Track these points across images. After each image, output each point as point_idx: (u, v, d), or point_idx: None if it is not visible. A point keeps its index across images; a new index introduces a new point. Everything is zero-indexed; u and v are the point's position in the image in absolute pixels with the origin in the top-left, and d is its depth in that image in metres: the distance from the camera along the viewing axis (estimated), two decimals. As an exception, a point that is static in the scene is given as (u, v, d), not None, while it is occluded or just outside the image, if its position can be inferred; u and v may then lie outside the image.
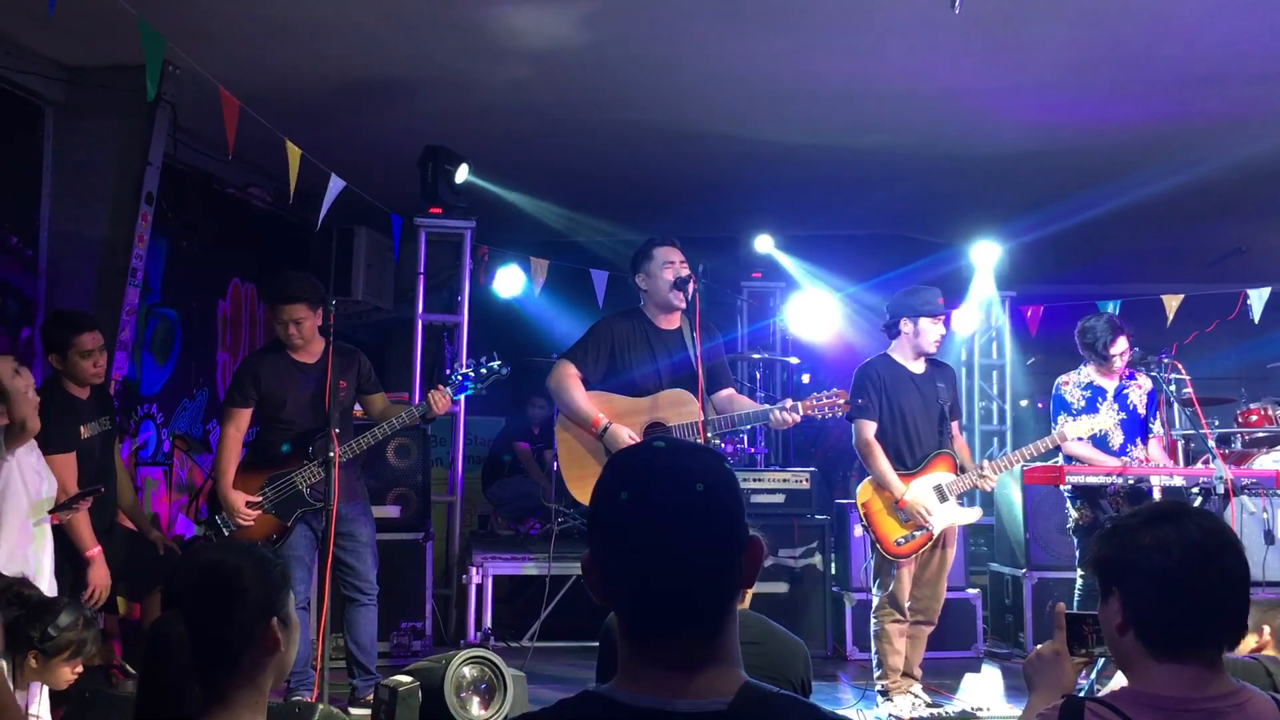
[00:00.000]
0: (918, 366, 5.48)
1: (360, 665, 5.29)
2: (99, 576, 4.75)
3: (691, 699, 1.36)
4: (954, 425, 5.53)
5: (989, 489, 5.48)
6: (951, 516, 5.33)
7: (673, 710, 1.36)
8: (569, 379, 5.01)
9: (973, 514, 5.58)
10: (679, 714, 1.35)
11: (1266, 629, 3.01)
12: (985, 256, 8.83)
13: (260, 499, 5.05)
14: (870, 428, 5.32)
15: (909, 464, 5.36)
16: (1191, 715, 1.93)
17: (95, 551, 4.75)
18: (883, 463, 5.27)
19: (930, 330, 5.40)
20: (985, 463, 5.48)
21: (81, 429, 4.92)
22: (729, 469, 1.47)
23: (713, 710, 1.35)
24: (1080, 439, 5.65)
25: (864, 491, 5.38)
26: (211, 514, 5.08)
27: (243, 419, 5.17)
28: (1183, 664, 1.97)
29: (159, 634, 1.72)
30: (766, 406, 5.07)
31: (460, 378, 5.20)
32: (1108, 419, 5.66)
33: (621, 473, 1.47)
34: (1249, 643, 3.00)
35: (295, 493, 5.06)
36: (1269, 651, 2.95)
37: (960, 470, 5.39)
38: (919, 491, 5.27)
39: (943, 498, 5.28)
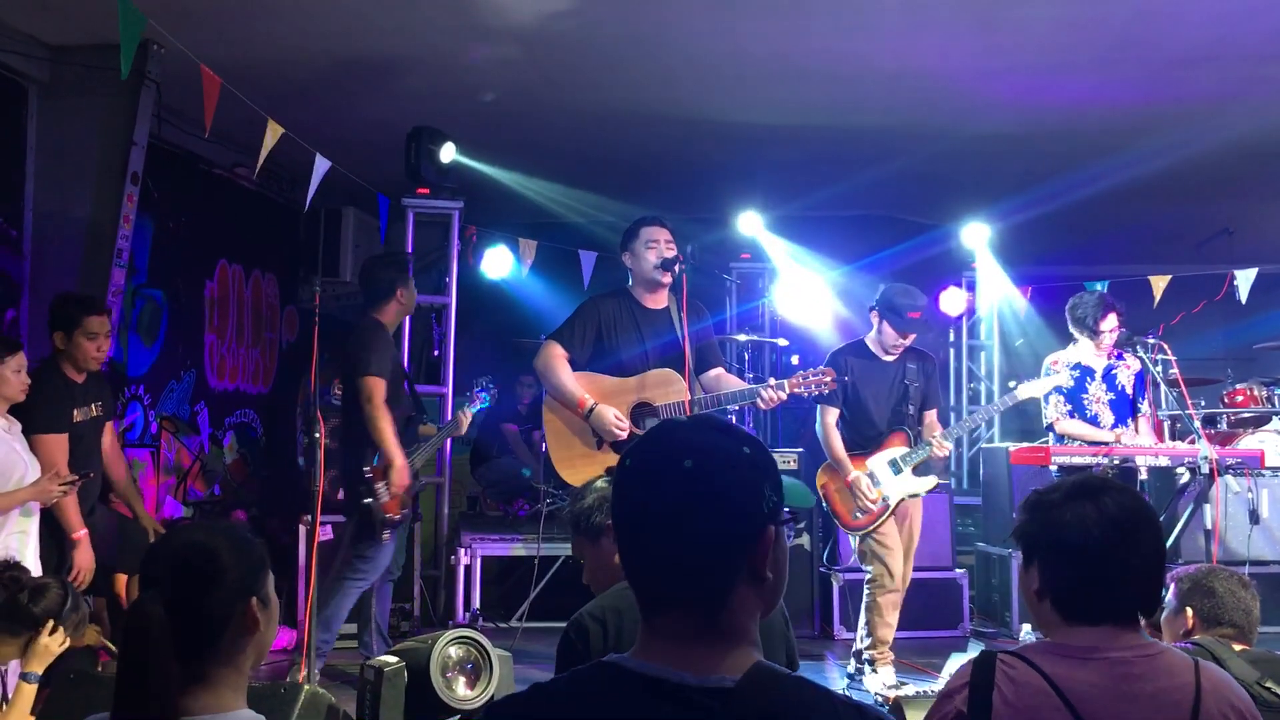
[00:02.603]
0: (889, 355, 5.59)
1: (385, 637, 5.58)
2: (84, 558, 4.76)
3: (699, 673, 1.36)
4: (929, 414, 5.64)
5: (943, 455, 5.54)
6: (906, 486, 5.47)
7: (680, 682, 1.35)
8: (556, 360, 5.01)
9: (928, 482, 5.62)
10: (687, 686, 1.35)
11: (1189, 610, 3.02)
12: (975, 238, 8.85)
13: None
14: (831, 414, 5.53)
15: (865, 445, 5.51)
16: (1099, 663, 1.98)
17: (81, 534, 4.76)
18: (838, 448, 5.49)
19: (890, 336, 5.52)
20: (937, 432, 5.53)
21: (75, 412, 4.93)
22: (743, 452, 1.43)
23: (720, 687, 1.35)
24: (1066, 414, 5.73)
25: (822, 474, 5.62)
26: (365, 485, 5.18)
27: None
28: (1094, 626, 2.03)
29: (137, 615, 1.71)
30: (754, 385, 5.09)
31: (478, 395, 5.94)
32: (1065, 377, 5.73)
33: (637, 443, 1.48)
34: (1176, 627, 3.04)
35: (415, 471, 5.38)
36: (1197, 635, 2.97)
37: (914, 443, 5.50)
38: (873, 467, 5.44)
39: (897, 469, 5.45)
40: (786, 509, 1.49)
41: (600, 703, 1.38)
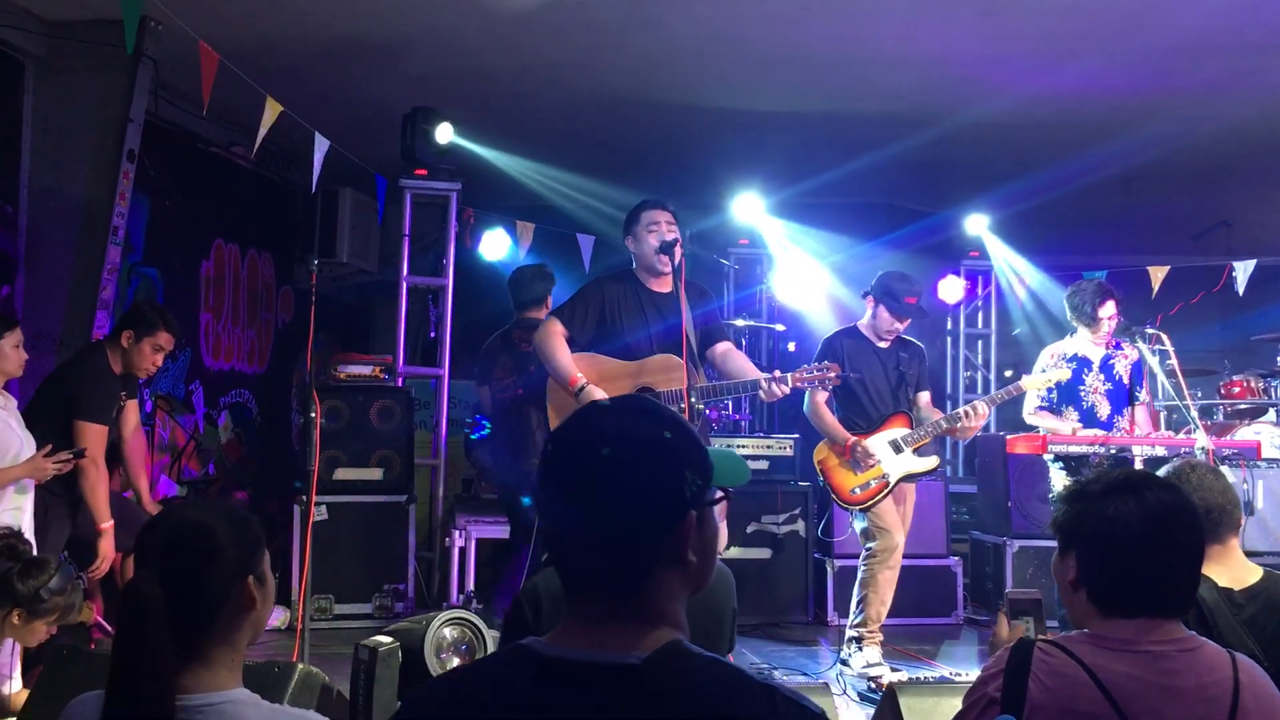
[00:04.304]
0: (882, 342, 5.61)
1: None
2: (109, 549, 4.81)
3: (612, 651, 1.36)
4: (924, 396, 5.66)
5: (979, 423, 5.47)
6: (907, 465, 5.48)
7: (590, 661, 1.36)
8: (554, 336, 4.96)
9: (929, 462, 5.62)
10: (596, 665, 1.35)
11: None
12: (977, 227, 8.86)
13: None
14: (820, 393, 5.50)
15: (864, 425, 5.51)
16: (1138, 656, 1.97)
17: (108, 525, 4.80)
18: (829, 420, 5.51)
19: (885, 321, 5.54)
20: (960, 410, 5.53)
21: (114, 408, 5.03)
22: (663, 437, 1.41)
23: (627, 664, 1.34)
24: (1044, 407, 5.73)
25: (820, 450, 5.62)
26: None
27: None
28: (1131, 619, 2.02)
29: (133, 593, 1.71)
30: (757, 376, 5.05)
31: None
32: (1064, 371, 5.70)
33: (560, 426, 1.48)
34: None
35: None
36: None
37: (916, 424, 5.52)
38: (873, 446, 5.43)
39: (898, 449, 5.46)
40: (718, 489, 1.48)
41: (506, 686, 1.38)
